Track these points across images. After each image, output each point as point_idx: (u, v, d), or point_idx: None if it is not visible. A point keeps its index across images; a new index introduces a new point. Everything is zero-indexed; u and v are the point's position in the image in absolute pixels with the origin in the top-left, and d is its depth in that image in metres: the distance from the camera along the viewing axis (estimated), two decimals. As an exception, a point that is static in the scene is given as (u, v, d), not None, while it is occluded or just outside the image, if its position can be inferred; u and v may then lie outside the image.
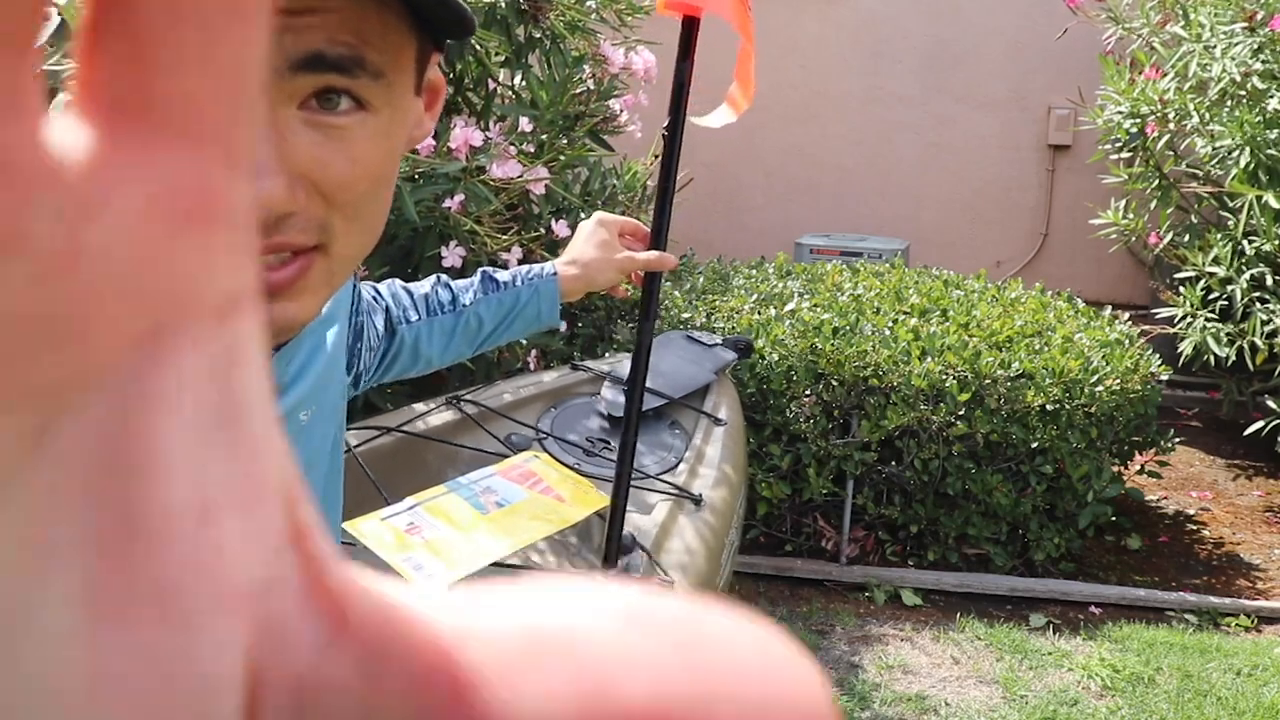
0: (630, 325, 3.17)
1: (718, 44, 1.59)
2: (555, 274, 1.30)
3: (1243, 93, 3.47)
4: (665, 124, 1.36)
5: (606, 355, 2.75)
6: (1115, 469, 3.17)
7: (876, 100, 5.57)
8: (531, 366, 2.80)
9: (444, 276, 1.26)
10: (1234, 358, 3.44)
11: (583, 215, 2.79)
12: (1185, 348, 3.55)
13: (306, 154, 0.57)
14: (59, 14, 1.76)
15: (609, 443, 2.11)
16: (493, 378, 2.55)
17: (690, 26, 1.35)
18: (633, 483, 1.50)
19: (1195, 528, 3.56)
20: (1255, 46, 3.37)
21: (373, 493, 1.67)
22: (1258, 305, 3.38)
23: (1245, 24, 3.42)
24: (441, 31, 0.64)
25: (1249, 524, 3.58)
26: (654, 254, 1.33)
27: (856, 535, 3.11)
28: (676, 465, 2.05)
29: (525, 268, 1.31)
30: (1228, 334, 3.47)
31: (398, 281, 1.22)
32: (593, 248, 1.31)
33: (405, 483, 1.74)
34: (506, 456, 1.87)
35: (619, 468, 1.44)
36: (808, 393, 2.92)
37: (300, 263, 0.59)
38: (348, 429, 1.95)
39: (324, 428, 0.86)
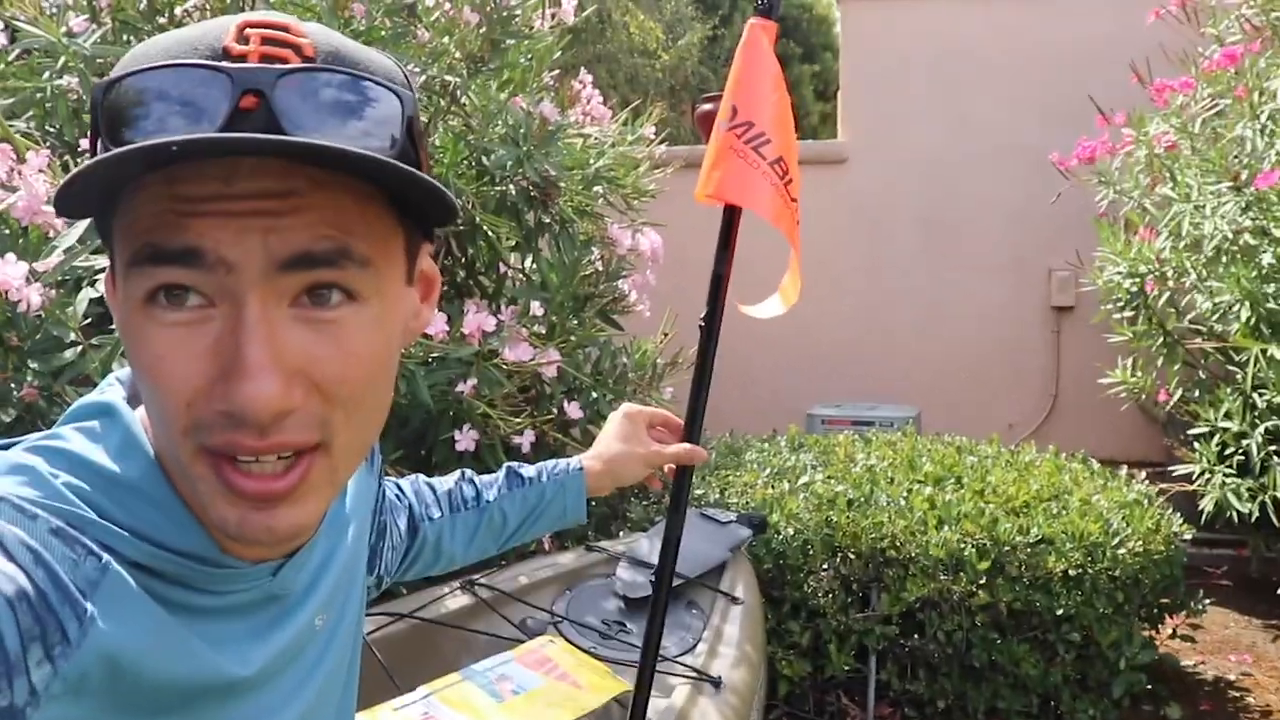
0: (643, 504, 3.16)
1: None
2: (581, 469, 1.26)
3: (1236, 249, 3.54)
4: (702, 315, 1.34)
5: (621, 535, 2.73)
6: (1146, 634, 3.08)
7: (879, 269, 5.69)
8: (546, 548, 2.79)
9: (469, 472, 1.24)
10: (1257, 513, 3.39)
11: (594, 395, 2.83)
12: (1206, 504, 3.51)
13: (300, 351, 0.57)
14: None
15: (625, 625, 2.07)
16: (508, 560, 2.53)
17: (731, 217, 1.36)
18: (651, 667, 1.47)
19: (1238, 694, 3.43)
20: (1243, 205, 3.46)
21: (385, 681, 1.64)
22: (1276, 459, 3.35)
23: (1231, 183, 3.52)
24: (426, 219, 0.65)
25: (1294, 688, 3.46)
26: (684, 447, 1.30)
27: (882, 712, 3.01)
28: (695, 646, 2.02)
29: (551, 463, 1.28)
30: (1249, 489, 3.43)
31: (421, 477, 1.21)
32: (619, 442, 1.28)
33: (418, 670, 1.72)
34: (522, 641, 1.85)
35: (643, 660, 1.40)
36: (825, 566, 2.89)
37: (302, 465, 0.59)
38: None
39: (344, 630, 0.83)
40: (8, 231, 1.85)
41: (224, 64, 0.56)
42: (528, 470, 1.27)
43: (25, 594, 0.52)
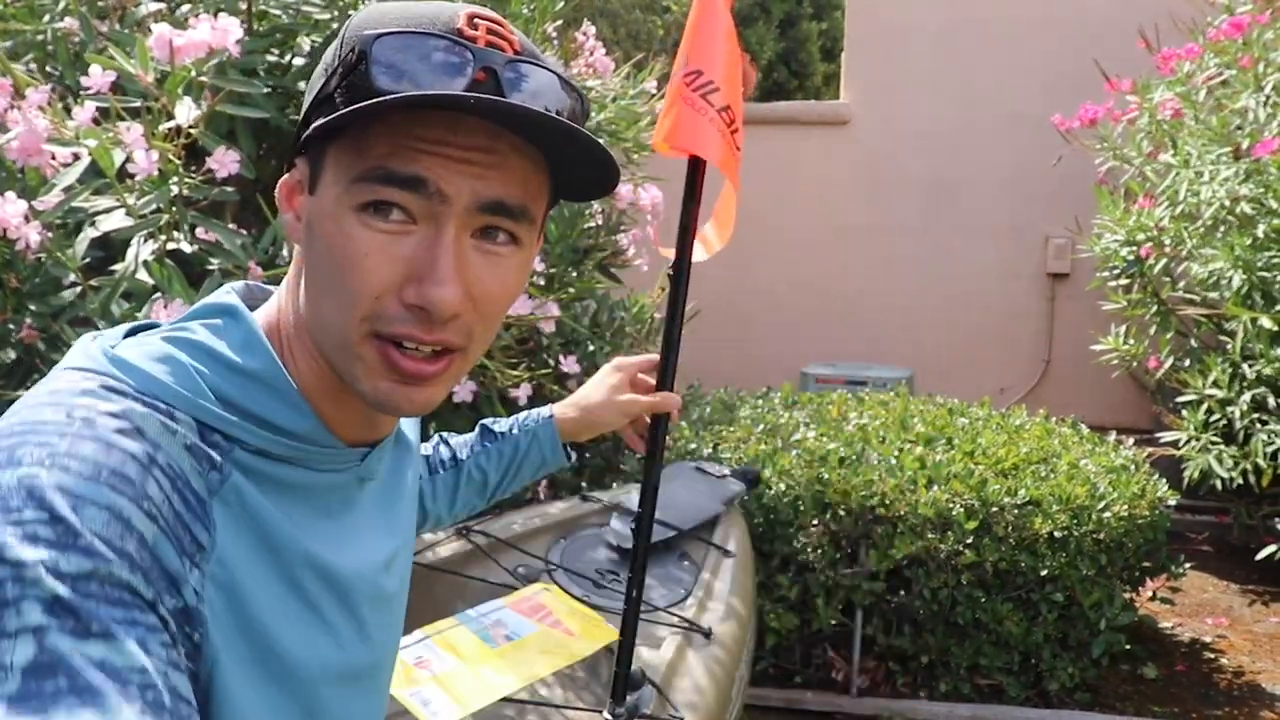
0: (637, 457, 3.19)
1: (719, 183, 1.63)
2: (551, 417, 1.34)
3: (1233, 218, 3.56)
4: (670, 265, 1.39)
5: (615, 486, 2.77)
6: (1127, 596, 3.14)
7: (878, 231, 5.69)
8: (541, 497, 2.82)
9: (444, 434, 1.32)
10: (1239, 480, 3.43)
11: (591, 348, 2.85)
12: (1191, 471, 3.55)
13: (474, 273, 0.72)
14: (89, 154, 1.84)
15: (618, 574, 2.11)
16: (502, 508, 2.56)
17: (696, 168, 1.36)
18: (642, 616, 1.50)
19: (1213, 656, 3.51)
20: (1242, 175, 3.47)
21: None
22: (1259, 427, 3.39)
23: (1231, 151, 3.52)
24: (577, 193, 0.80)
25: (1268, 651, 3.53)
26: (658, 397, 1.36)
27: (867, 666, 3.08)
28: (686, 598, 2.05)
29: (523, 415, 1.35)
30: (1232, 457, 3.46)
31: None
32: (599, 391, 1.36)
33: (414, 614, 1.74)
34: (516, 588, 1.88)
35: (626, 606, 1.44)
36: (815, 523, 2.93)
37: (446, 359, 0.74)
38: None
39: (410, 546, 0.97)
40: (3, 173, 1.85)
41: (466, 42, 0.70)
42: (500, 425, 1.34)
43: (175, 516, 0.65)
